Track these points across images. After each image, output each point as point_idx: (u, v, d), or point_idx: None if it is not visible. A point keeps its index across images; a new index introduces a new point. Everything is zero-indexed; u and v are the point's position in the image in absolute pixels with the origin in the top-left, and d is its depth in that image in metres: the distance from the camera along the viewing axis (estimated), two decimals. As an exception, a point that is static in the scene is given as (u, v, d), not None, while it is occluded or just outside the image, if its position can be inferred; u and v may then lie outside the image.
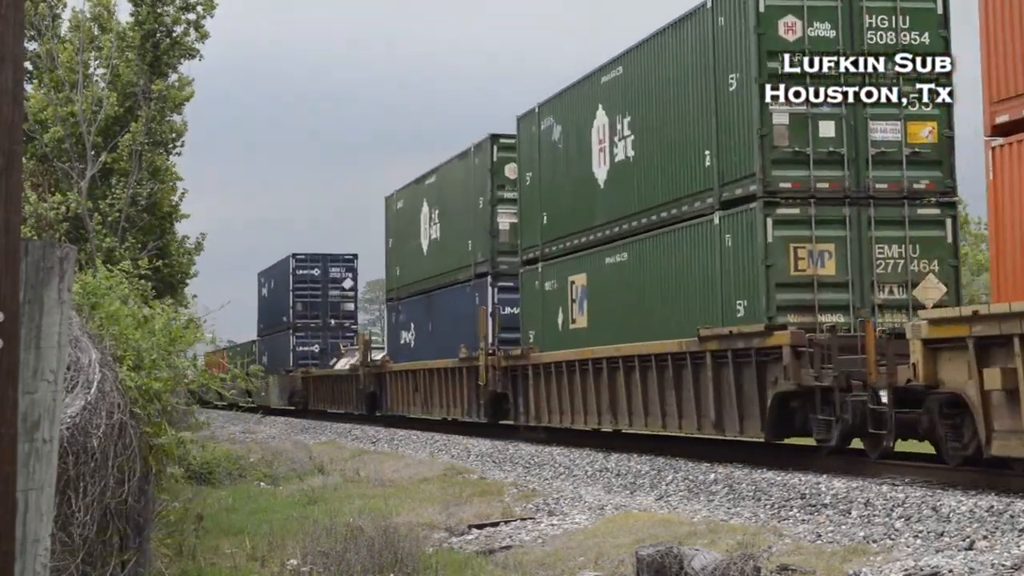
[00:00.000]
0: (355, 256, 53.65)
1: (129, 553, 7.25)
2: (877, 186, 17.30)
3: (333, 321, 52.22)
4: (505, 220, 29.03)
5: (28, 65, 32.61)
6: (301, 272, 52.68)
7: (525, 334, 26.27)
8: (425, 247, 34.52)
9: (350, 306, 53.47)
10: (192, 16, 33.57)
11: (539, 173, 25.89)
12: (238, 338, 66.67)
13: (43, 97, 32.71)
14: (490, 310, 28.25)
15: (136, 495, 7.20)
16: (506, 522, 13.44)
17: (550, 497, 15.29)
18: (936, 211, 17.50)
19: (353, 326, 53.01)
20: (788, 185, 17.20)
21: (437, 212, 33.43)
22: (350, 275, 53.19)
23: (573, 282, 23.82)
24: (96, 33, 33.97)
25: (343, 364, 44.74)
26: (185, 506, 10.67)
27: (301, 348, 51.62)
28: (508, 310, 28.42)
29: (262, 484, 18.23)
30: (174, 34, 33.45)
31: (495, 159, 29.30)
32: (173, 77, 33.89)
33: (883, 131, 17.38)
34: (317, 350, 51.14)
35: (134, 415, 7.16)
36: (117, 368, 7.22)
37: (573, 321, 23.81)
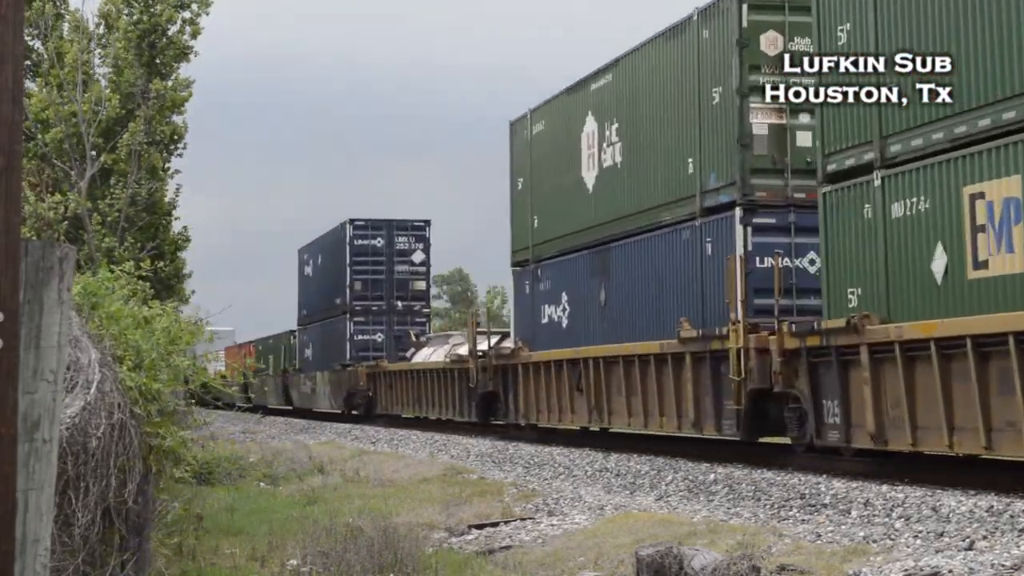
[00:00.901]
0: (427, 223, 43.84)
1: (129, 553, 7.25)
2: None
3: (400, 304, 42.68)
4: (762, 120, 18.63)
5: (29, 63, 32.63)
6: (360, 243, 42.59)
7: (836, 296, 16.05)
8: (591, 181, 24.03)
9: (421, 285, 43.69)
10: (187, 15, 33.62)
11: (865, 14, 15.34)
12: (264, 334, 59.44)
13: (44, 96, 32.72)
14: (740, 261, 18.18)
15: (136, 495, 7.20)
16: (506, 522, 13.44)
17: (550, 497, 15.29)
18: None
19: (425, 309, 44.22)
20: None
21: (615, 127, 22.99)
22: (420, 246, 43.38)
23: (979, 195, 13.41)
24: (103, 31, 34.02)
25: (427, 355, 35.58)
26: (185, 507, 10.68)
27: (361, 337, 42.05)
28: (774, 262, 17.61)
29: (262, 484, 18.23)
30: (169, 33, 33.47)
31: (745, 24, 18.64)
32: (171, 79, 33.90)
33: None
34: (380, 339, 42.14)
35: (134, 415, 7.16)
36: (117, 368, 7.22)
37: (977, 266, 13.47)
